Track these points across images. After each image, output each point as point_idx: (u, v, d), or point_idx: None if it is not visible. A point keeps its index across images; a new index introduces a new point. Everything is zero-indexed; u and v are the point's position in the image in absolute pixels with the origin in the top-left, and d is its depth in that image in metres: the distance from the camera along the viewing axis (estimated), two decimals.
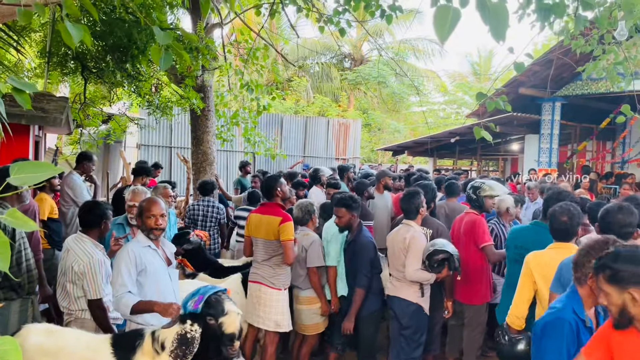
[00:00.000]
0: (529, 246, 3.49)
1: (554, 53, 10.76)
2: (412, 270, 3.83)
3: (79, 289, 3.20)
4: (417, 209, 4.02)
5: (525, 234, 3.77)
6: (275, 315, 4.08)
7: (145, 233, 3.14)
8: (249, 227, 4.29)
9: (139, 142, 13.18)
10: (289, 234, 4.02)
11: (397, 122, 27.67)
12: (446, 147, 16.31)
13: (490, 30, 1.04)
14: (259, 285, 4.14)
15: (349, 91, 26.87)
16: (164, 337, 2.55)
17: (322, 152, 16.12)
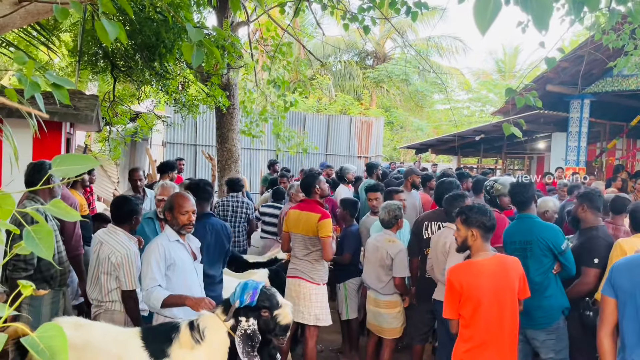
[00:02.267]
0: (522, 238, 3.58)
1: (583, 49, 10.53)
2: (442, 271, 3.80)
3: (112, 280, 3.26)
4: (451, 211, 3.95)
5: (515, 229, 3.75)
6: (315, 310, 4.19)
7: (175, 228, 3.19)
8: (287, 222, 4.38)
9: (165, 139, 13.35)
10: (327, 230, 4.12)
11: (419, 120, 27.46)
12: (471, 146, 16.12)
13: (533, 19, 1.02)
14: (299, 280, 4.25)
15: (371, 89, 26.76)
16: (205, 326, 2.58)
17: (345, 150, 16.08)
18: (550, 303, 3.53)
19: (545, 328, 3.52)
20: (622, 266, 2.70)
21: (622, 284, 2.63)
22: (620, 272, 2.67)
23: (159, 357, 2.53)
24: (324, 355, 4.90)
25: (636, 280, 2.56)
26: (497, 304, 2.89)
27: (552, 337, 3.51)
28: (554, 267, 3.54)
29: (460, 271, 2.97)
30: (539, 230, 3.57)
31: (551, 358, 3.53)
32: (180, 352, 2.55)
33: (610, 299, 2.69)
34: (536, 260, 3.53)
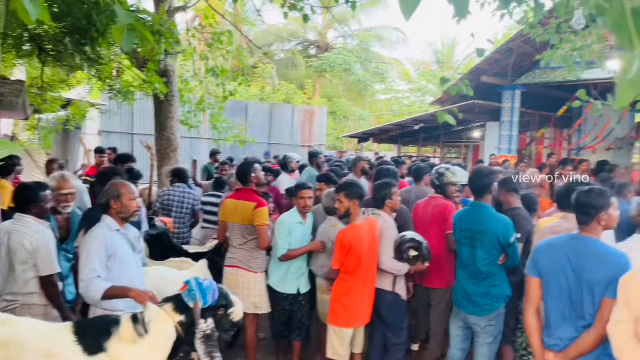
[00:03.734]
0: (472, 226, 3.67)
1: (514, 42, 11.02)
2: (386, 259, 3.87)
3: (30, 269, 3.12)
4: (383, 199, 4.03)
5: (468, 216, 3.83)
6: (253, 298, 4.19)
7: (123, 216, 3.11)
8: (223, 212, 4.33)
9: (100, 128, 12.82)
10: (263, 218, 4.11)
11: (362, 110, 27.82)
12: (410, 135, 16.51)
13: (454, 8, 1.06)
14: (237, 269, 4.23)
15: (314, 78, 26.81)
16: (150, 319, 2.54)
17: (287, 139, 16.09)
18: (495, 292, 3.65)
19: (488, 315, 3.64)
20: (544, 247, 2.86)
21: (545, 265, 2.78)
22: (542, 253, 2.83)
23: (94, 351, 2.42)
24: (265, 343, 4.91)
25: (558, 260, 2.72)
26: (368, 254, 3.78)
27: (492, 323, 3.65)
28: (500, 258, 3.64)
29: (348, 233, 3.71)
30: (490, 222, 3.62)
31: (489, 342, 3.69)
32: (120, 346, 2.47)
33: (534, 279, 2.84)
34: (485, 250, 3.61)
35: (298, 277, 4.32)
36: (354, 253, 3.69)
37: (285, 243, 4.15)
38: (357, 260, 3.72)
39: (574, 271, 2.65)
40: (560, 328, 2.71)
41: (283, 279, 4.28)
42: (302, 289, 4.36)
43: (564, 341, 2.68)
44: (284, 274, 4.28)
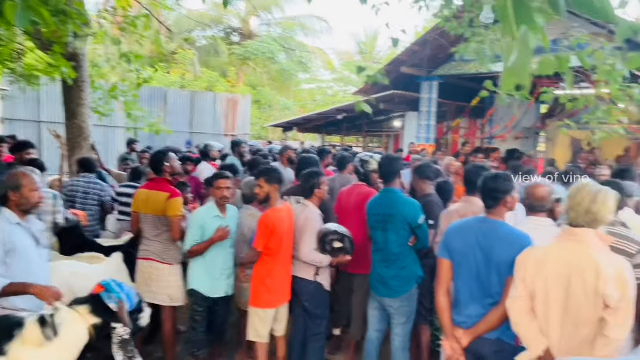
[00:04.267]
0: (384, 210, 3.80)
1: (431, 34, 11.41)
2: (307, 251, 3.86)
3: None
4: (312, 188, 4.01)
5: (379, 201, 3.94)
6: (168, 290, 4.08)
7: (24, 208, 2.92)
8: (136, 202, 4.18)
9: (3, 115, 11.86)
10: (176, 209, 4.00)
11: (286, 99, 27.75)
12: (334, 124, 16.71)
13: None
14: (150, 262, 4.10)
15: (238, 66, 26.36)
16: (60, 321, 2.40)
17: (210, 127, 15.72)
18: (406, 273, 3.79)
19: (400, 296, 3.78)
20: (454, 230, 2.99)
21: (456, 247, 2.91)
22: (453, 236, 2.96)
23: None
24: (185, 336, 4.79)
25: (469, 242, 2.85)
26: (287, 236, 3.85)
27: (405, 304, 3.79)
28: (410, 239, 3.79)
29: (271, 215, 3.77)
30: (400, 205, 3.77)
31: (402, 322, 3.83)
32: (22, 349, 2.33)
33: (445, 261, 2.97)
34: (395, 232, 3.75)
35: (227, 277, 4.12)
36: (277, 235, 3.75)
37: (192, 238, 3.91)
38: (279, 241, 3.78)
39: (483, 252, 2.79)
40: (469, 306, 2.85)
41: (211, 281, 4.03)
42: (230, 290, 4.17)
43: (472, 318, 2.83)
44: (210, 274, 4.03)
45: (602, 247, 2.37)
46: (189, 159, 6.80)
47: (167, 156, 4.20)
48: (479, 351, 2.82)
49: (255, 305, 3.86)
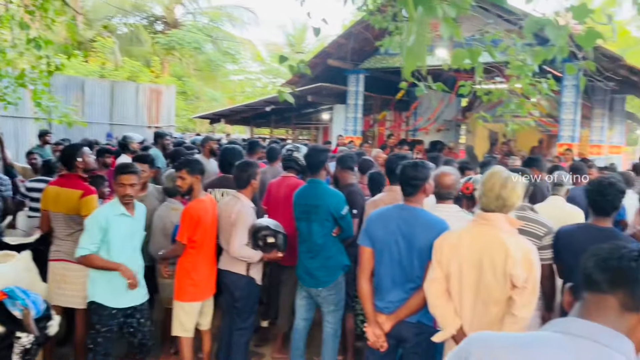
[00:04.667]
0: (308, 202, 3.81)
1: (357, 27, 11.56)
2: (238, 246, 3.76)
3: None
4: (248, 179, 3.90)
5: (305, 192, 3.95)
6: (83, 292, 3.76)
7: None
8: (45, 200, 3.91)
9: None
10: (90, 208, 3.75)
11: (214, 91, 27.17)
12: (262, 116, 16.57)
13: None
14: (64, 263, 3.84)
15: (162, 56, 25.45)
16: None
17: (132, 119, 15.06)
18: (332, 263, 3.82)
19: (327, 286, 3.81)
20: (375, 218, 3.04)
21: (378, 235, 2.96)
22: (375, 224, 3.01)
23: None
24: None
25: (391, 230, 2.91)
26: (212, 228, 3.81)
27: (332, 293, 3.82)
28: (334, 230, 3.82)
29: (196, 206, 3.72)
30: (324, 196, 3.79)
31: (332, 310, 3.87)
32: None
33: (367, 249, 3.01)
34: (319, 223, 3.76)
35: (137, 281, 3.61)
36: (202, 226, 3.70)
37: (90, 241, 3.40)
38: (204, 234, 3.74)
39: (405, 239, 2.86)
40: (391, 292, 2.92)
41: (113, 289, 3.49)
42: (139, 299, 3.65)
43: (394, 304, 2.90)
44: (116, 281, 3.49)
45: (511, 231, 2.51)
46: (108, 152, 6.48)
47: (80, 151, 3.95)
48: (401, 335, 2.90)
49: (180, 299, 3.76)
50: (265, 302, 4.86)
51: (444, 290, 2.62)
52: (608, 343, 1.13)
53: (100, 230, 3.40)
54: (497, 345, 1.21)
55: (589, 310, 1.20)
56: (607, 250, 1.24)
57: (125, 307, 3.55)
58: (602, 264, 1.21)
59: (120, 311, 3.53)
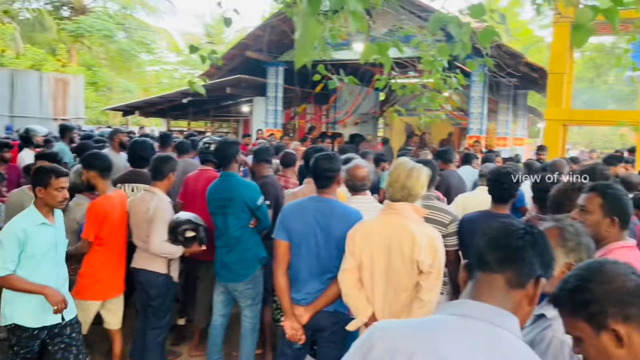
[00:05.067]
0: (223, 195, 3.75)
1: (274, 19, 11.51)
2: (158, 243, 3.63)
3: None
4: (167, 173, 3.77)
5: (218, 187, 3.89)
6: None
7: None
8: None
9: None
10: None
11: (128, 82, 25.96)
12: (179, 108, 16.04)
13: None
14: None
15: (69, 44, 23.91)
16: None
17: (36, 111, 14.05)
18: (249, 256, 3.77)
19: (245, 280, 3.76)
20: (291, 211, 3.03)
21: (295, 227, 2.95)
22: (291, 216, 3.00)
23: None
24: None
25: (308, 222, 2.92)
26: (120, 225, 3.70)
27: (249, 287, 3.78)
28: (251, 222, 3.78)
29: (102, 202, 3.62)
30: (238, 188, 3.74)
31: (249, 304, 3.83)
32: None
33: (283, 242, 2.99)
34: (235, 216, 3.70)
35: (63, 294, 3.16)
36: (109, 223, 3.59)
37: (9, 258, 2.93)
38: (112, 230, 3.63)
39: (322, 230, 2.89)
40: (309, 283, 2.94)
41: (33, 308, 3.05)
42: (68, 314, 3.18)
43: (312, 295, 2.92)
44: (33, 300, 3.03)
45: (417, 219, 2.62)
46: (7, 146, 6.02)
47: None
48: (319, 324, 2.93)
49: (79, 297, 3.53)
50: (181, 300, 4.74)
51: (357, 280, 2.68)
52: (497, 322, 1.21)
53: (19, 244, 2.94)
54: (397, 334, 1.25)
55: (480, 290, 1.28)
56: (496, 230, 1.33)
57: (51, 324, 3.13)
58: (492, 243, 1.30)
59: (43, 329, 3.11)
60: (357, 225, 2.73)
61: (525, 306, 1.28)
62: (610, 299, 1.20)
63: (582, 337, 1.25)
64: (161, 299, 3.79)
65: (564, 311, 1.30)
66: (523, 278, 1.27)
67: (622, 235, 2.24)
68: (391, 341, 1.23)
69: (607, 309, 1.20)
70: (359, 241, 2.65)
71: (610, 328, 1.19)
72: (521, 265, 1.27)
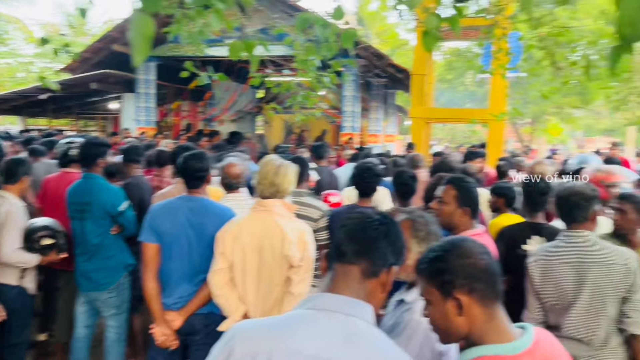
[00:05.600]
0: (81, 199, 3.53)
1: None
2: (9, 251, 3.31)
3: None
4: (20, 177, 3.46)
5: (78, 189, 3.65)
6: None
7: None
8: None
9: None
10: None
11: None
12: (38, 105, 14.62)
13: None
14: None
15: None
16: None
17: None
18: (112, 264, 3.57)
19: (107, 289, 3.55)
20: (160, 212, 2.91)
21: (165, 229, 2.84)
22: (160, 219, 2.87)
23: None
24: None
25: (179, 222, 2.83)
26: None
27: (113, 295, 3.57)
28: (112, 228, 3.57)
29: None
30: (98, 192, 3.52)
31: (113, 313, 3.62)
32: None
33: (152, 245, 2.85)
34: (93, 221, 3.48)
35: None
36: None
37: None
38: None
39: (195, 230, 2.81)
40: (180, 287, 2.85)
41: None
42: None
43: (184, 298, 2.84)
44: None
45: (287, 215, 2.66)
46: None
47: None
48: (192, 327, 2.85)
49: None
50: (41, 313, 4.35)
51: (228, 280, 2.66)
52: (352, 312, 1.26)
53: None
54: (257, 335, 1.26)
55: (337, 282, 1.33)
56: (353, 221, 1.38)
57: None
58: (349, 234, 1.35)
59: None
60: (226, 226, 2.70)
61: (378, 294, 1.35)
62: (462, 271, 1.33)
63: (431, 300, 1.38)
64: (17, 314, 3.46)
65: (422, 275, 1.41)
66: (377, 268, 1.33)
67: (472, 223, 2.50)
68: (251, 343, 1.23)
69: (456, 279, 1.33)
70: (229, 241, 2.63)
71: (456, 297, 1.32)
72: (376, 256, 1.33)
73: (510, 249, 2.94)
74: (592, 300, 2.33)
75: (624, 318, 2.32)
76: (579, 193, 2.45)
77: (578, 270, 2.36)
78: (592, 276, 2.32)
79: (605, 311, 2.32)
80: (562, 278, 2.39)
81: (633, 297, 2.30)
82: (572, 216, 2.45)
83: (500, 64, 5.75)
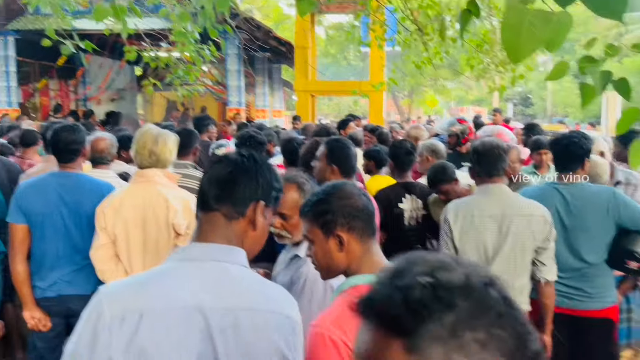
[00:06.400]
0: None
1: None
2: None
3: None
4: None
5: None
6: None
7: None
8: None
9: None
10: None
11: None
12: None
13: None
14: None
15: None
16: None
17: None
18: None
19: None
20: (28, 190, 2.74)
21: (34, 208, 2.68)
22: (29, 197, 2.71)
23: None
24: None
25: (51, 200, 2.68)
26: None
27: None
28: None
29: None
30: None
31: None
32: None
33: (20, 226, 2.70)
34: None
35: None
36: None
37: None
38: None
39: (70, 208, 2.69)
40: (57, 268, 2.73)
41: None
42: None
43: (63, 280, 2.72)
44: None
45: (170, 185, 2.62)
46: None
47: None
48: (71, 310, 2.73)
49: None
50: None
51: (112, 255, 2.58)
52: (223, 258, 1.26)
53: None
54: (125, 295, 1.22)
55: (203, 230, 1.29)
56: (214, 169, 1.34)
57: None
58: (208, 181, 1.31)
59: None
60: (106, 200, 2.60)
61: (250, 232, 1.32)
62: (342, 211, 1.44)
63: (315, 240, 1.47)
64: None
65: (306, 217, 1.50)
66: (239, 207, 1.29)
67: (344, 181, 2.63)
68: (119, 304, 1.18)
69: (337, 219, 1.43)
70: (110, 215, 2.53)
71: (337, 234, 1.43)
72: (235, 195, 1.29)
73: (387, 209, 3.14)
74: (513, 251, 2.45)
75: (540, 266, 2.48)
76: (498, 147, 2.51)
77: (500, 223, 2.45)
78: (514, 228, 2.43)
79: (524, 261, 2.46)
80: (484, 231, 2.48)
81: (549, 246, 2.47)
82: (496, 169, 2.50)
83: (377, 35, 6.03)
